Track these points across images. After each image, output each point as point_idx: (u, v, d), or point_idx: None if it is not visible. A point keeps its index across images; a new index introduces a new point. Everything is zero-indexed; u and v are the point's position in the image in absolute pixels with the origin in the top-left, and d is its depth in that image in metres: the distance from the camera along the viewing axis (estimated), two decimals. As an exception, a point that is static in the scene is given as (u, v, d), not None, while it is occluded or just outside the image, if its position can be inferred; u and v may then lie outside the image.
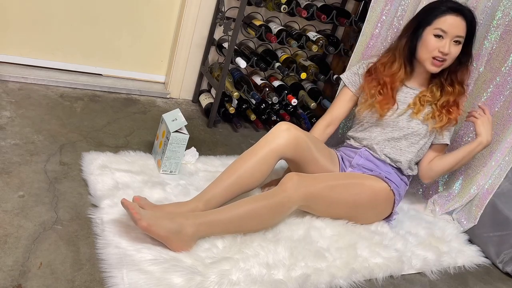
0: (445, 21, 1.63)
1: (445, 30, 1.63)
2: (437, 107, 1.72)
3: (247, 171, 1.50)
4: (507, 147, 1.82)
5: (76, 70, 2.33)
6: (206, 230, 1.37)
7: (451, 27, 1.62)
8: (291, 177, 1.48)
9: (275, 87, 2.41)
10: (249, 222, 1.43)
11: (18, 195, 1.42)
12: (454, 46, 1.65)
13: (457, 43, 1.65)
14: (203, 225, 1.35)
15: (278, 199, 1.44)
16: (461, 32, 1.64)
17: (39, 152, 1.66)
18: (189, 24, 2.33)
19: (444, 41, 1.63)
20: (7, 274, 1.14)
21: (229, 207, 1.42)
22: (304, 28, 2.53)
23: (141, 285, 1.18)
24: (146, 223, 1.26)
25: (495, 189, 1.83)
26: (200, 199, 1.46)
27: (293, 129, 1.57)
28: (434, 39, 1.64)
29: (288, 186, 1.46)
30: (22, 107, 1.92)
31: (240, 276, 1.30)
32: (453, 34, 1.63)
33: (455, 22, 1.63)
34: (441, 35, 1.63)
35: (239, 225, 1.42)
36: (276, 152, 1.54)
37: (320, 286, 1.38)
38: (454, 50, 1.65)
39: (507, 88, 1.83)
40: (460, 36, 1.64)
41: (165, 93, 2.46)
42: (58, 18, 2.19)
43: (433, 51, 1.65)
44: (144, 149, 1.86)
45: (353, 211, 1.65)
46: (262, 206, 1.43)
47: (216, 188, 1.48)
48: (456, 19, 1.63)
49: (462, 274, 1.68)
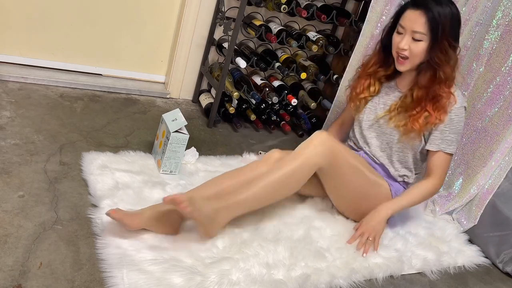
0: (404, 16, 1.55)
1: (403, 25, 1.54)
2: (406, 113, 1.62)
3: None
4: (507, 147, 1.82)
5: (76, 70, 2.33)
6: (239, 209, 1.44)
7: (407, 22, 1.53)
8: (319, 133, 1.52)
9: (275, 87, 2.41)
10: (280, 189, 1.47)
11: (18, 195, 1.42)
12: (413, 43, 1.53)
13: (417, 40, 1.53)
14: (235, 204, 1.42)
15: (304, 156, 1.47)
16: (418, 27, 1.51)
17: (39, 152, 1.65)
18: (189, 24, 2.33)
19: (402, 36, 1.55)
20: (7, 274, 1.14)
21: (256, 181, 1.45)
22: (304, 28, 2.53)
23: (141, 285, 1.18)
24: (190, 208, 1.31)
25: (495, 189, 1.83)
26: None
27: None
28: (396, 35, 1.58)
29: (317, 140, 1.49)
30: (22, 107, 1.92)
31: (240, 276, 1.30)
32: (410, 29, 1.53)
33: (412, 17, 1.52)
34: (401, 31, 1.56)
35: (271, 195, 1.47)
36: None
37: (320, 286, 1.38)
38: (414, 47, 1.53)
39: (507, 88, 1.83)
40: (418, 32, 1.51)
41: (165, 93, 2.46)
42: (58, 18, 2.19)
43: (395, 48, 1.59)
44: (144, 149, 1.86)
45: (356, 200, 1.65)
46: (292, 169, 1.46)
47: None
48: (414, 13, 1.52)
49: (462, 274, 1.68)
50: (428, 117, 1.58)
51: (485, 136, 1.90)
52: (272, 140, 2.35)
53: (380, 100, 1.73)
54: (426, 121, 1.58)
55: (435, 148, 1.63)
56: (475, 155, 1.93)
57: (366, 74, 1.74)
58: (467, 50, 1.98)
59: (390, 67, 1.70)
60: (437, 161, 1.64)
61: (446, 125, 1.59)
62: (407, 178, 1.74)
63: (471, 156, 1.94)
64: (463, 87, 1.98)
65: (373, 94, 1.74)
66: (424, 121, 1.58)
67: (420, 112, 1.59)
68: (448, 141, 1.61)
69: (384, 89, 1.74)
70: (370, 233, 1.58)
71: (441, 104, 1.57)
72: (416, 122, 1.58)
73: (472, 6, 1.93)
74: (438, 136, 1.61)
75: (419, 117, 1.58)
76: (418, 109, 1.60)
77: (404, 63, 1.58)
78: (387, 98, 1.72)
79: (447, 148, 1.62)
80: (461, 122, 1.62)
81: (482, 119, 1.91)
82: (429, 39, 1.52)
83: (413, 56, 1.56)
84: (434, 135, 1.62)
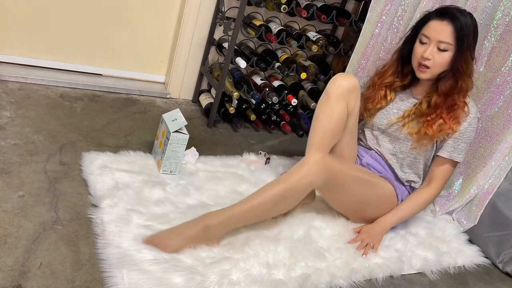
0: (428, 26, 1.55)
1: (428, 35, 1.55)
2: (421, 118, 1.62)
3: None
4: (507, 147, 1.82)
5: (76, 70, 2.33)
6: (231, 224, 1.41)
7: (433, 32, 1.53)
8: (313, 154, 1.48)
9: (275, 87, 2.41)
10: (274, 207, 1.45)
11: (18, 195, 1.42)
12: (438, 53, 1.54)
13: (442, 50, 1.54)
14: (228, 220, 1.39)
15: (299, 176, 1.44)
16: (445, 37, 1.52)
17: (39, 152, 1.65)
18: (189, 24, 2.33)
19: (426, 46, 1.56)
20: (7, 274, 1.14)
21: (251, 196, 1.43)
22: (304, 28, 2.53)
23: (141, 285, 1.18)
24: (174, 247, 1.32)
25: (495, 189, 1.83)
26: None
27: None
28: (419, 45, 1.58)
29: (311, 161, 1.46)
30: (22, 107, 1.92)
31: (240, 276, 1.30)
32: (436, 39, 1.53)
33: (439, 27, 1.53)
34: (425, 41, 1.56)
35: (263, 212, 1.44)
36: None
37: (320, 286, 1.38)
38: (438, 57, 1.54)
39: (507, 88, 1.83)
40: (444, 42, 1.52)
41: (165, 93, 2.46)
42: (58, 18, 2.19)
43: (418, 57, 1.58)
44: (144, 149, 1.86)
45: (360, 207, 1.65)
46: (284, 187, 1.43)
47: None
48: (440, 24, 1.53)
49: (462, 274, 1.68)
50: (442, 125, 1.58)
51: (485, 136, 1.90)
52: (272, 140, 2.35)
53: (394, 105, 1.72)
54: (440, 128, 1.58)
55: (446, 155, 1.63)
56: (475, 155, 1.93)
57: (383, 85, 1.72)
58: (467, 50, 1.99)
59: (407, 77, 1.69)
60: (443, 169, 1.66)
61: (460, 134, 1.60)
62: (414, 183, 1.74)
63: (471, 156, 1.94)
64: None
65: (388, 103, 1.73)
66: (438, 128, 1.58)
67: (435, 119, 1.59)
68: (459, 150, 1.63)
69: (398, 95, 1.73)
70: (369, 242, 1.59)
71: (456, 113, 1.59)
72: (430, 127, 1.59)
73: (472, 6, 1.93)
74: (451, 144, 1.62)
75: (434, 123, 1.59)
76: (433, 115, 1.60)
77: (426, 71, 1.58)
78: (401, 104, 1.71)
79: (457, 157, 1.63)
80: (473, 132, 1.63)
81: (482, 119, 1.91)
82: (455, 49, 1.53)
83: (436, 66, 1.56)
84: (447, 142, 1.63)
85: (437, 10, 1.57)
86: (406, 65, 1.67)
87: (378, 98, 1.72)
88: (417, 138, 1.62)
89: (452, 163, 1.66)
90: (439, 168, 1.66)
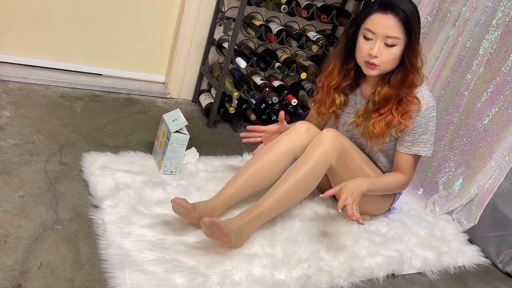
0: (372, 20, 1.43)
1: (373, 30, 1.42)
2: (371, 118, 1.56)
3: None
4: (507, 147, 1.82)
5: (76, 70, 2.32)
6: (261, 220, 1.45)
7: (378, 27, 1.41)
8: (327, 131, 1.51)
9: (275, 87, 2.41)
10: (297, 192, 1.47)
11: (18, 195, 1.41)
12: (385, 49, 1.43)
13: (390, 45, 1.43)
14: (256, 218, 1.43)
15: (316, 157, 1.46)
16: (392, 31, 1.40)
17: (39, 152, 1.65)
18: (189, 24, 2.33)
19: (372, 42, 1.44)
20: (7, 274, 1.14)
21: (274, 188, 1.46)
22: (304, 28, 2.53)
23: (143, 286, 1.18)
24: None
25: (495, 189, 1.83)
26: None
27: (314, 129, 1.58)
28: (363, 41, 1.46)
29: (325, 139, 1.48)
30: (22, 107, 1.91)
31: (242, 277, 1.30)
32: (382, 35, 1.41)
33: (383, 21, 1.40)
34: (370, 37, 1.44)
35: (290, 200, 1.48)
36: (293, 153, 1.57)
37: (321, 286, 1.38)
38: (386, 53, 1.43)
39: (507, 88, 1.83)
40: (392, 37, 1.41)
41: (165, 93, 2.46)
42: (58, 18, 2.18)
43: (364, 55, 1.46)
44: (144, 149, 1.85)
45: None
46: (304, 171, 1.45)
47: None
48: (384, 17, 1.40)
49: (462, 274, 1.68)
50: (390, 121, 1.52)
51: (485, 136, 1.90)
52: (272, 140, 2.35)
53: (351, 109, 1.67)
54: (388, 125, 1.53)
55: (404, 151, 1.58)
56: (475, 155, 1.93)
57: (331, 87, 1.63)
58: (467, 50, 1.99)
59: (349, 74, 1.60)
60: (404, 161, 1.60)
61: (415, 128, 1.54)
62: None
63: (471, 156, 1.94)
64: (463, 87, 1.99)
65: (341, 106, 1.65)
66: (386, 125, 1.53)
67: (383, 115, 1.53)
68: (420, 142, 1.56)
69: (351, 97, 1.67)
70: (351, 195, 1.42)
71: (407, 108, 1.51)
72: (377, 125, 1.53)
73: (472, 6, 1.93)
74: (408, 139, 1.56)
75: (381, 121, 1.53)
76: (382, 111, 1.53)
77: (375, 68, 1.47)
78: (356, 107, 1.66)
79: (421, 150, 1.57)
80: (431, 121, 1.55)
81: (482, 119, 1.91)
82: (403, 42, 1.44)
83: (385, 62, 1.46)
84: (405, 138, 1.57)
85: (378, 2, 1.44)
86: (349, 62, 1.57)
87: (329, 102, 1.65)
88: (370, 137, 1.58)
89: (415, 156, 1.60)
90: (400, 162, 1.60)
